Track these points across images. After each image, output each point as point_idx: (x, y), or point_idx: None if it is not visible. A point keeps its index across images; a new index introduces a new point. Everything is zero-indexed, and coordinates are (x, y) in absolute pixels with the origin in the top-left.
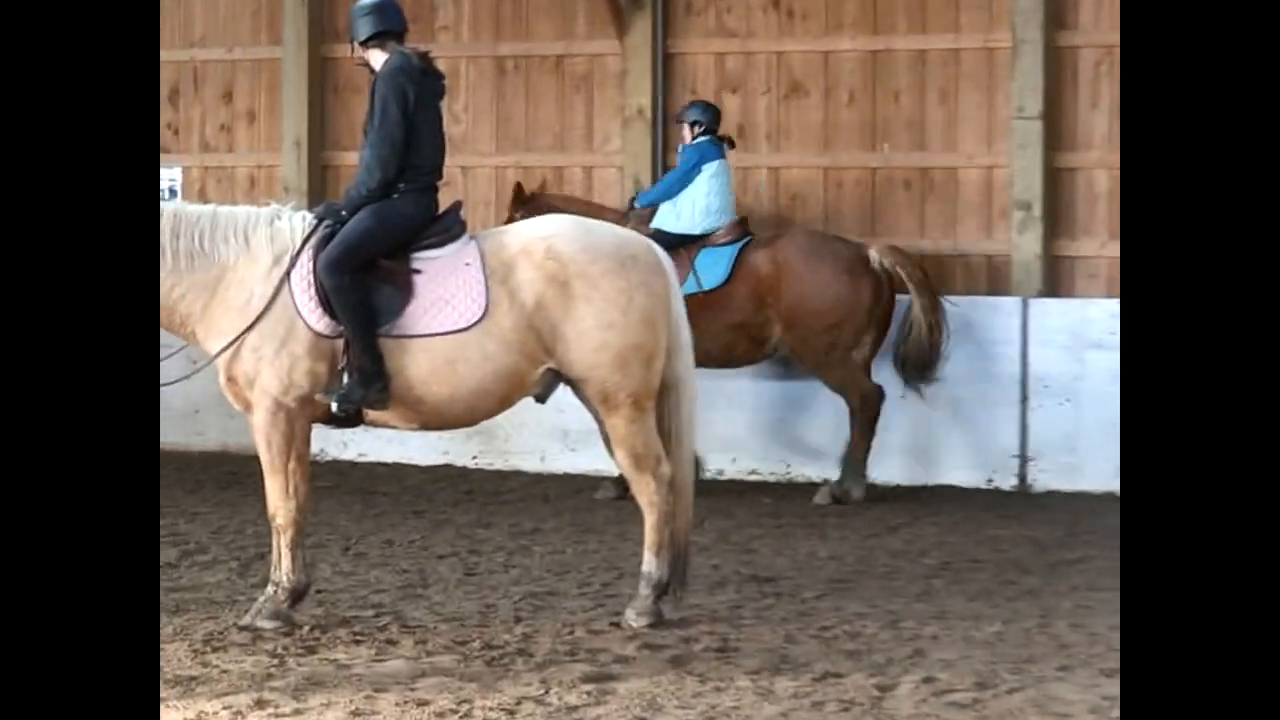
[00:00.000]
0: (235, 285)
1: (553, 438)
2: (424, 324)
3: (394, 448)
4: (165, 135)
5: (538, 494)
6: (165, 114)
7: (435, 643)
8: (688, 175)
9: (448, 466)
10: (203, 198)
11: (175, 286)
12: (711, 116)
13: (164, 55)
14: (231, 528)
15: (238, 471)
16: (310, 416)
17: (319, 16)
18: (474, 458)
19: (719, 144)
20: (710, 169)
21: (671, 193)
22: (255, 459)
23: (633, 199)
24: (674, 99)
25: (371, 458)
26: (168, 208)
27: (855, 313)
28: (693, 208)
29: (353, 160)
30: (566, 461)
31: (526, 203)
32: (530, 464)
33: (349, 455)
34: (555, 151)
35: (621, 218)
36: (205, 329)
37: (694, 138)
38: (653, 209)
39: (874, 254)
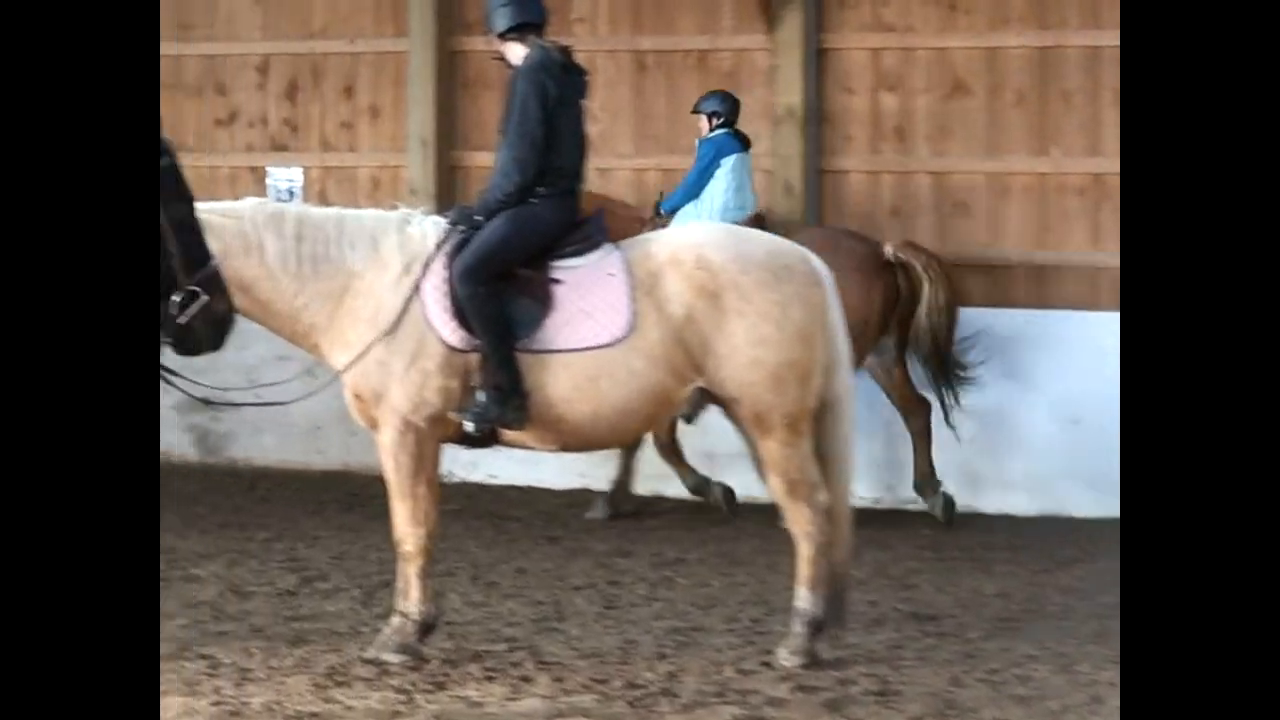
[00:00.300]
0: (362, 295)
1: (697, 461)
2: (565, 338)
3: (526, 470)
4: (283, 133)
5: (680, 521)
6: (283, 110)
7: (573, 681)
8: (707, 170)
9: (584, 490)
10: (323, 200)
11: (298, 295)
12: (730, 107)
13: (282, 47)
14: (354, 553)
15: (360, 493)
16: (441, 436)
17: (447, 6)
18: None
19: (738, 136)
20: (729, 163)
21: (695, 192)
22: (379, 479)
23: (658, 203)
24: (827, 98)
25: (502, 480)
26: (291, 210)
27: (869, 316)
28: (711, 204)
29: (483, 160)
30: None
31: None
32: (673, 489)
33: (478, 477)
34: None
35: (645, 223)
36: (330, 341)
37: (711, 130)
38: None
39: (889, 249)
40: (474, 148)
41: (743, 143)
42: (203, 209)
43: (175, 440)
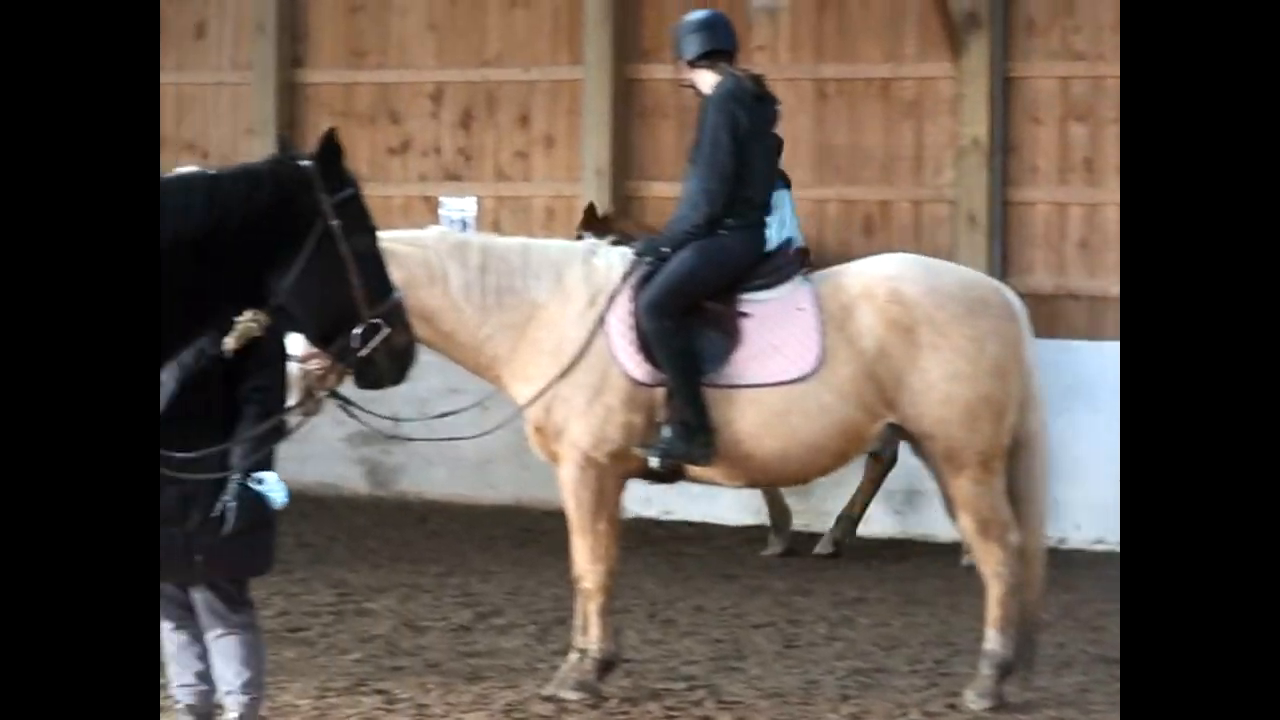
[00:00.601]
0: (545, 327)
1: (876, 498)
2: (753, 373)
3: (701, 505)
4: (457, 162)
5: (859, 559)
6: (456, 138)
7: None
8: None
9: (760, 527)
10: (496, 230)
11: (482, 326)
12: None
13: (455, 75)
14: (528, 589)
15: (532, 528)
16: (623, 472)
17: (623, 34)
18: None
19: (780, 173)
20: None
21: None
22: (550, 514)
23: None
24: (1014, 128)
25: (677, 516)
26: (475, 240)
27: None
28: None
29: (659, 191)
30: (891, 524)
31: (595, 227)
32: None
33: (652, 513)
34: (881, 184)
35: None
36: (512, 373)
37: None
38: None
39: None
40: (649, 177)
41: (783, 181)
42: (386, 238)
43: (346, 473)
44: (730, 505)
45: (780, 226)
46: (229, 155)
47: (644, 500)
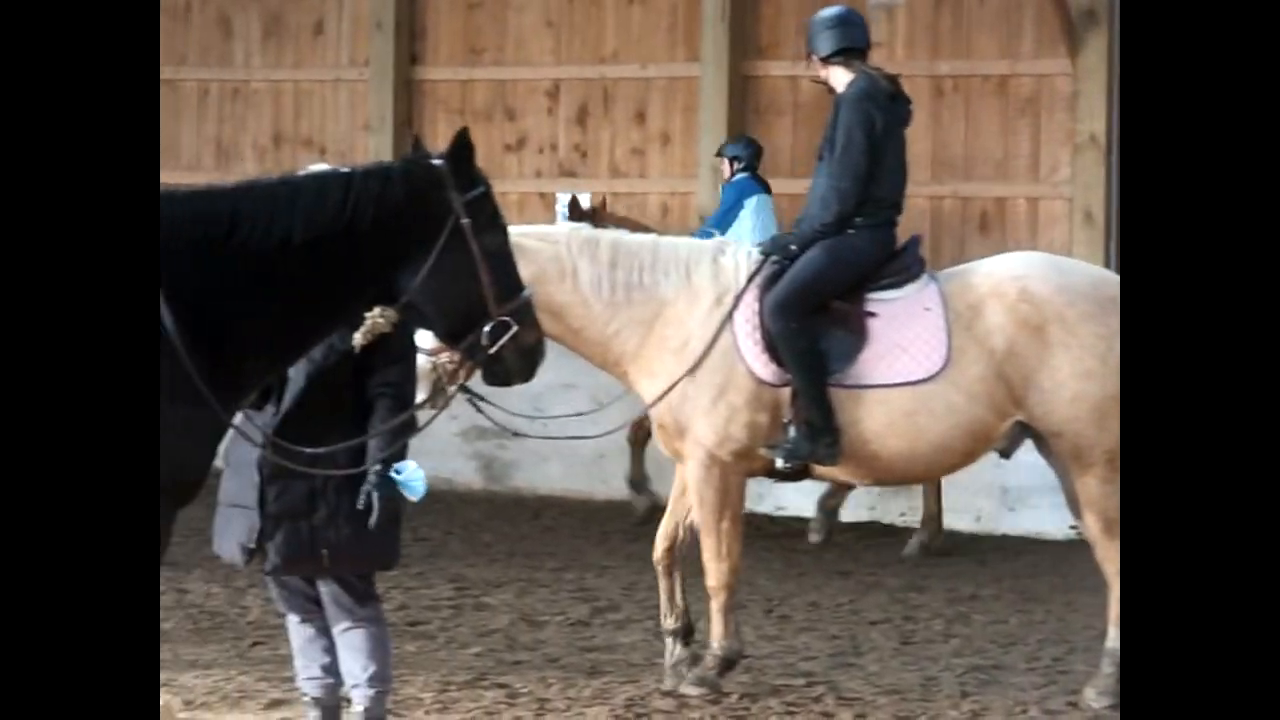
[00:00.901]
0: (672, 324)
1: (990, 495)
2: (880, 373)
3: (815, 502)
4: (572, 158)
5: (974, 556)
6: (573, 135)
7: (875, 717)
8: (728, 215)
9: (873, 524)
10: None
11: (610, 322)
12: (751, 153)
13: (572, 72)
14: (643, 584)
15: (645, 523)
16: (747, 470)
17: (740, 31)
18: (901, 515)
19: (758, 180)
20: (751, 204)
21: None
22: (662, 510)
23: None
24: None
25: (790, 511)
26: (605, 236)
27: None
28: None
29: (774, 188)
30: (1005, 522)
31: (581, 219)
32: (964, 523)
33: (764, 508)
34: (997, 181)
35: None
36: (638, 369)
37: (733, 174)
38: None
39: None
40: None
41: (763, 186)
42: (516, 233)
43: (460, 467)
44: (844, 502)
45: (766, 231)
46: (346, 151)
47: (756, 496)
